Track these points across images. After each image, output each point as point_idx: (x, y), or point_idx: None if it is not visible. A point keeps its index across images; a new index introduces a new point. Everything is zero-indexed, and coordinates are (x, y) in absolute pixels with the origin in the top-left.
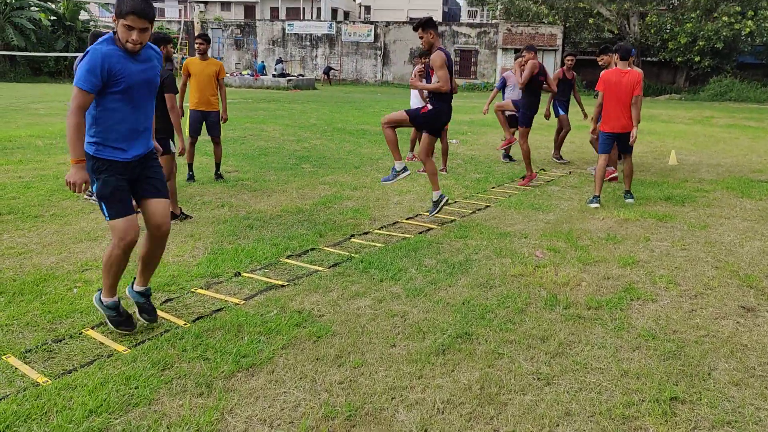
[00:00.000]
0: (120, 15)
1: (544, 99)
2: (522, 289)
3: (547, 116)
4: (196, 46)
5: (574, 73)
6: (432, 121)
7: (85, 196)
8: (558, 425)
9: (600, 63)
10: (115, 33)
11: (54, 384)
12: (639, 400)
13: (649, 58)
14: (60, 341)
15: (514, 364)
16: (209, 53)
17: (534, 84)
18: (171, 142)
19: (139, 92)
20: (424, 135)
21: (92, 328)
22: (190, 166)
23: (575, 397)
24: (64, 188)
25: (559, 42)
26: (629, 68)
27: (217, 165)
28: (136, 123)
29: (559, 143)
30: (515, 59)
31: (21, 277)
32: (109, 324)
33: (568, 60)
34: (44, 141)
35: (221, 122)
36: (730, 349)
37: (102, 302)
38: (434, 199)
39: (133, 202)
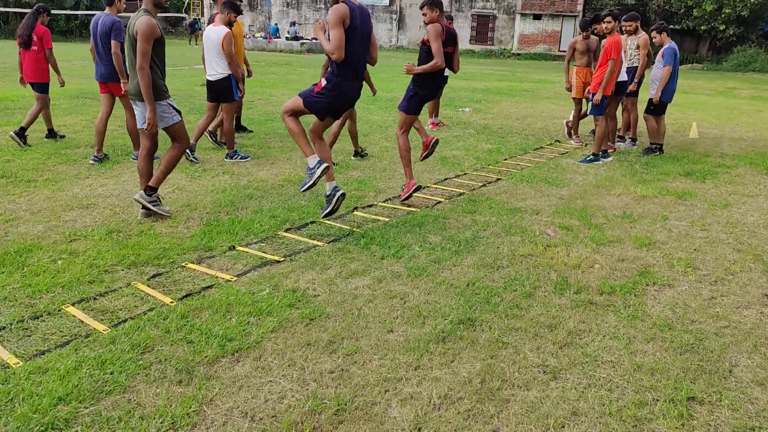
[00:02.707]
0: None
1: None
2: (531, 271)
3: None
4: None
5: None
6: (327, 104)
7: (91, 161)
8: (563, 426)
9: (598, 31)
10: None
11: (25, 366)
12: (653, 399)
13: (672, 26)
14: (37, 318)
15: (519, 354)
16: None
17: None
18: None
19: None
20: (315, 119)
21: (73, 304)
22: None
23: (583, 395)
24: (61, 151)
25: (580, 8)
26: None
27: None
28: None
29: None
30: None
31: (4, 246)
32: None
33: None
34: None
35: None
36: (753, 342)
37: None
38: (327, 193)
39: None
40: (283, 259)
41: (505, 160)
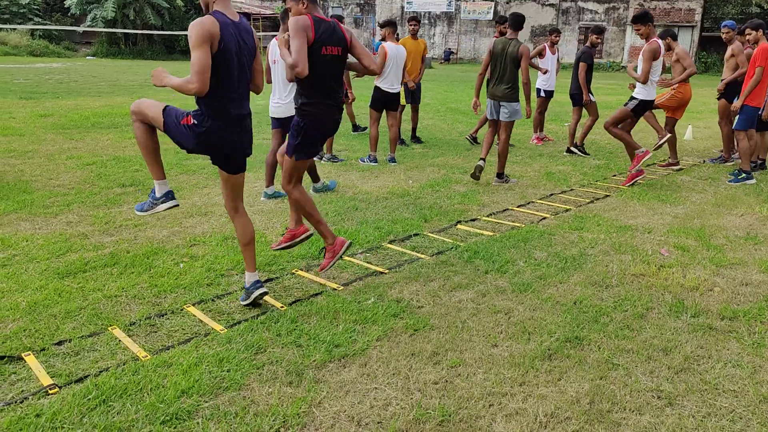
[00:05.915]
0: None
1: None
2: (643, 291)
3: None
4: (410, 28)
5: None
6: (187, 140)
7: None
8: None
9: (749, 39)
10: None
11: (152, 360)
12: None
13: None
14: (162, 316)
15: (631, 377)
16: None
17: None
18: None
19: None
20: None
21: (193, 304)
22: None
23: (702, 423)
24: (182, 162)
25: (698, 18)
26: None
27: (414, 129)
28: None
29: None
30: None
31: (134, 249)
32: None
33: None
34: None
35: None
36: None
37: None
38: (245, 285)
39: None
40: (387, 270)
41: (614, 176)
